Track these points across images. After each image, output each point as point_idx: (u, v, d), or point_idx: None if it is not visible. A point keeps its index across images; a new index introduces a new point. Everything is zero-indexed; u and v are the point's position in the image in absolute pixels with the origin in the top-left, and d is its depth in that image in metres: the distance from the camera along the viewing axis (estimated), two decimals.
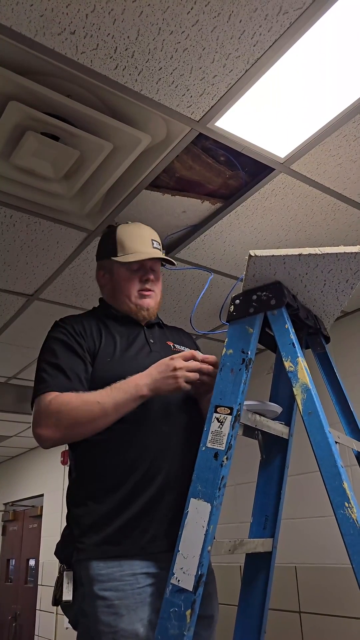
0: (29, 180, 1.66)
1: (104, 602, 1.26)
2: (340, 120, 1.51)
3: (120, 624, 1.24)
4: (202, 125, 1.50)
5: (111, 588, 1.27)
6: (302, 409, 1.22)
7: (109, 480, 1.38)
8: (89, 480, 1.40)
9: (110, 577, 1.28)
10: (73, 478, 1.47)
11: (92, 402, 1.35)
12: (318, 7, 1.18)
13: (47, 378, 1.41)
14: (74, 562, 1.33)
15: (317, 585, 2.67)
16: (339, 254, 1.36)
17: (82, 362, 1.45)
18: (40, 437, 1.37)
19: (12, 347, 3.10)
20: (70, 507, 1.43)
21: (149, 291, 1.59)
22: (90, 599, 1.28)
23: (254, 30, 1.23)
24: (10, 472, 6.79)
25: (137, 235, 1.61)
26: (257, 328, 1.36)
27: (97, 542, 1.32)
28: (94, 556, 1.30)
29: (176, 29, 1.22)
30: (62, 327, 1.51)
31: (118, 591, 1.27)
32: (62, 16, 1.18)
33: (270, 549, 1.46)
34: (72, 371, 1.42)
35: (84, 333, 1.50)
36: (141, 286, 1.58)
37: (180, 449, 1.45)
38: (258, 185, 1.78)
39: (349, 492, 1.09)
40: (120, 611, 1.25)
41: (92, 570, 1.29)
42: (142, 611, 1.27)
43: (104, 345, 1.49)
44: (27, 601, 5.70)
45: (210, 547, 1.16)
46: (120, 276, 1.58)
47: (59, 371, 1.42)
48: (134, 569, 1.30)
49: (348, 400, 1.58)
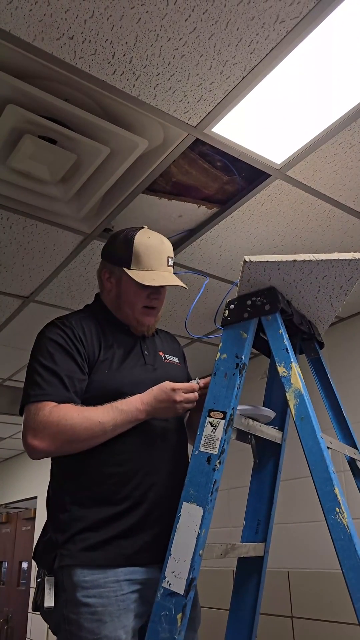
0: (25, 183, 1.66)
1: (88, 609, 1.25)
2: (336, 128, 1.52)
3: (103, 631, 1.23)
4: (199, 131, 1.51)
5: (95, 595, 1.26)
6: (294, 414, 1.22)
7: (101, 490, 1.36)
8: (79, 488, 1.38)
9: (94, 583, 1.27)
10: (59, 483, 1.44)
11: (94, 420, 1.32)
12: (315, 17, 1.19)
13: (44, 385, 1.36)
14: (57, 568, 1.30)
15: (310, 590, 2.67)
16: (333, 260, 1.37)
17: (80, 371, 1.41)
18: (34, 449, 1.32)
19: (7, 349, 3.10)
20: (54, 512, 1.40)
21: (153, 309, 1.57)
22: (73, 605, 1.26)
23: (251, 38, 1.24)
24: (4, 474, 6.77)
25: (154, 250, 1.53)
26: (252, 333, 1.36)
27: (82, 549, 1.30)
28: (78, 563, 1.28)
29: (174, 35, 1.23)
30: (61, 330, 1.45)
31: (102, 598, 1.26)
32: (61, 21, 1.19)
33: (262, 553, 1.47)
34: (70, 380, 1.38)
35: (84, 339, 1.45)
36: (147, 302, 1.55)
37: (171, 465, 1.45)
38: (254, 190, 1.79)
39: (340, 497, 1.10)
40: (103, 618, 1.24)
41: (76, 576, 1.27)
42: (126, 618, 1.26)
43: (103, 355, 1.46)
44: (19, 604, 5.67)
45: (202, 551, 1.17)
46: (129, 288, 1.53)
47: (56, 378, 1.37)
48: (117, 576, 1.29)
49: (341, 406, 1.58)
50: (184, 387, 1.40)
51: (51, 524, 1.39)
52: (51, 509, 1.42)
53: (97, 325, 1.53)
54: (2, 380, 3.70)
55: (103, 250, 1.65)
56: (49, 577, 1.30)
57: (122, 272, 1.53)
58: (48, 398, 1.34)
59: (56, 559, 1.30)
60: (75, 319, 1.51)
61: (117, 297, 1.56)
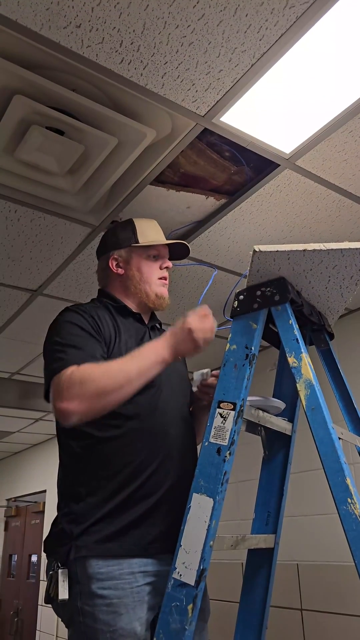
0: (33, 175, 1.65)
1: (103, 601, 1.25)
2: (346, 116, 1.50)
3: (119, 623, 1.23)
4: (207, 120, 1.50)
5: (110, 587, 1.26)
6: (305, 405, 1.21)
7: (117, 479, 1.35)
8: (94, 477, 1.37)
9: (109, 575, 1.27)
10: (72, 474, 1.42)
11: (115, 369, 1.29)
12: (325, 1, 1.17)
13: (63, 356, 1.33)
14: (72, 559, 1.29)
15: (319, 582, 2.67)
16: (344, 249, 1.36)
17: (100, 347, 1.40)
18: (65, 412, 1.27)
19: (16, 343, 3.11)
20: (67, 503, 1.38)
21: (166, 280, 1.63)
22: (88, 597, 1.26)
23: (260, 24, 1.22)
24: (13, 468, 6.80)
25: (154, 225, 1.70)
26: (261, 324, 1.35)
27: (98, 541, 1.29)
28: (94, 554, 1.28)
29: (182, 22, 1.22)
30: (77, 313, 1.45)
31: (117, 590, 1.26)
32: (68, 9, 1.18)
33: (272, 545, 1.46)
34: (90, 350, 1.36)
35: (100, 323, 1.45)
36: (161, 273, 1.62)
37: (184, 455, 1.45)
38: (263, 181, 1.78)
39: (352, 488, 1.09)
40: (119, 610, 1.24)
41: (91, 568, 1.27)
42: (140, 610, 1.27)
43: (118, 342, 1.46)
44: (29, 596, 5.72)
45: (212, 542, 1.17)
46: (142, 263, 1.60)
47: (75, 349, 1.35)
48: (132, 568, 1.29)
49: (351, 396, 1.57)
50: (197, 313, 1.39)
51: (64, 516, 1.37)
52: (64, 500, 1.40)
53: (109, 313, 1.53)
54: (10, 374, 3.70)
55: (100, 247, 1.69)
56: (63, 569, 1.29)
57: (130, 252, 1.60)
58: (68, 364, 1.31)
59: (71, 550, 1.29)
60: (88, 307, 1.51)
61: (131, 279, 1.59)
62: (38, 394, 3.87)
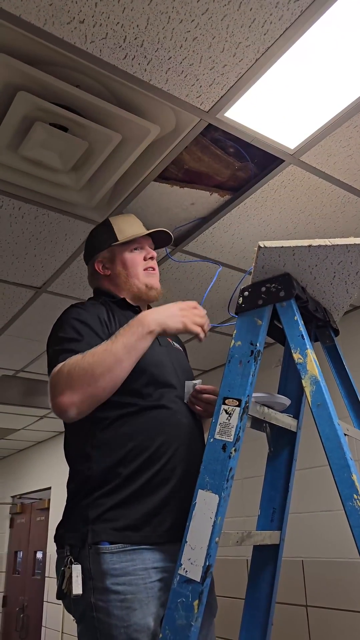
0: (37, 172, 1.65)
1: (117, 597, 1.25)
2: (351, 111, 1.49)
3: (133, 618, 1.23)
4: (211, 116, 1.49)
5: (124, 582, 1.26)
6: (310, 401, 1.21)
7: (136, 463, 1.34)
8: (115, 462, 1.35)
9: (123, 571, 1.27)
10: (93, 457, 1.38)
11: (99, 352, 1.29)
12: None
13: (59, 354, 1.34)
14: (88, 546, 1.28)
15: (324, 579, 2.66)
16: (349, 245, 1.35)
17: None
18: (60, 407, 1.27)
19: (20, 340, 3.11)
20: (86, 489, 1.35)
21: (153, 269, 1.65)
22: (102, 592, 1.26)
23: (265, 19, 1.22)
24: (18, 465, 6.83)
25: (132, 220, 1.73)
26: (266, 320, 1.35)
27: (118, 528, 1.29)
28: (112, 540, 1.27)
29: (186, 17, 1.21)
30: (82, 309, 1.47)
31: (131, 585, 1.26)
32: (72, 5, 1.18)
33: (277, 541, 1.46)
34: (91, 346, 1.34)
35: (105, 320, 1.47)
36: (146, 264, 1.64)
37: (196, 443, 1.46)
38: (267, 177, 1.77)
39: (357, 484, 1.09)
40: (133, 605, 1.24)
41: (106, 564, 1.27)
42: (154, 605, 1.27)
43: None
44: (35, 593, 5.74)
45: (218, 539, 1.16)
46: (125, 258, 1.63)
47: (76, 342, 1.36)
48: (145, 564, 1.29)
49: (357, 393, 1.57)
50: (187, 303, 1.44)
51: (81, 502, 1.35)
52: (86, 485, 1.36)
53: (109, 310, 1.54)
54: (15, 371, 3.71)
55: (85, 254, 1.73)
56: (76, 564, 1.28)
57: (112, 251, 1.64)
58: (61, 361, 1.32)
59: (88, 535, 1.28)
60: (90, 303, 1.54)
61: (118, 276, 1.62)
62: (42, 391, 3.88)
